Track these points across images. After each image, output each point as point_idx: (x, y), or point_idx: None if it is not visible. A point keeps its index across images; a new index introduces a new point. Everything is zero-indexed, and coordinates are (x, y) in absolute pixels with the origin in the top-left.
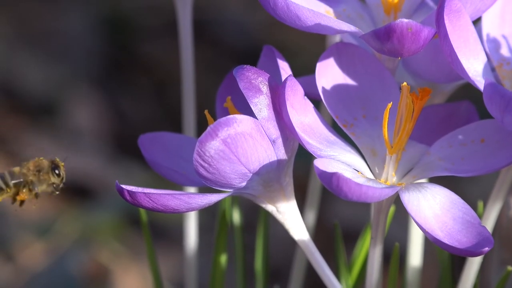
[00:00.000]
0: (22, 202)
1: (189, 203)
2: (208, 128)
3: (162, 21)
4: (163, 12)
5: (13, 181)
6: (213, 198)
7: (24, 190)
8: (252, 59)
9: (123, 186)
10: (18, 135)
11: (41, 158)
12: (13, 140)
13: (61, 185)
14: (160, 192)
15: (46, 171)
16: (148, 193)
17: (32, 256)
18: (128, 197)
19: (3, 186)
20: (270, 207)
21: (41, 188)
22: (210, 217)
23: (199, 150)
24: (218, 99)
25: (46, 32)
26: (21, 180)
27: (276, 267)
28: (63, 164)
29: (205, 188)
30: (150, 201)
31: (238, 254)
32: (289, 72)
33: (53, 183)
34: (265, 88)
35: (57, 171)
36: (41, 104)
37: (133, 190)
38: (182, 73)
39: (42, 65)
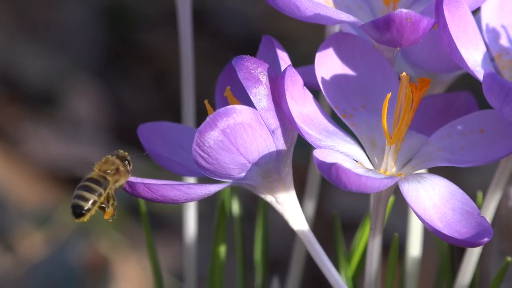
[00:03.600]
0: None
1: (188, 193)
2: (207, 119)
3: (161, 11)
4: (162, 1)
5: (102, 187)
6: (212, 188)
7: (110, 195)
8: (251, 49)
9: None
10: (18, 125)
11: (108, 156)
12: (12, 130)
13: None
14: (159, 183)
15: (123, 167)
16: (147, 183)
17: (32, 246)
18: (127, 188)
19: (96, 198)
20: (269, 198)
21: (119, 185)
22: (210, 207)
23: (198, 141)
24: (218, 89)
25: (46, 22)
26: (107, 184)
27: (275, 257)
28: (127, 153)
29: (205, 178)
30: (150, 192)
31: (238, 244)
32: (289, 62)
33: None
34: (264, 78)
35: (129, 163)
36: (41, 94)
37: (132, 181)
38: (181, 63)
39: (42, 55)
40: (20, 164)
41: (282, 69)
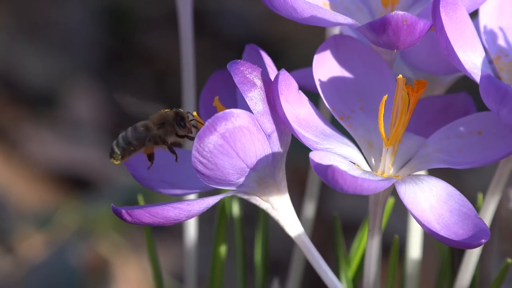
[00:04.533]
0: (150, 156)
1: (189, 210)
2: (206, 123)
3: (162, 12)
4: (163, 3)
5: (135, 137)
6: (210, 201)
7: (149, 144)
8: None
9: (120, 208)
10: (18, 126)
11: (166, 110)
12: (13, 131)
13: (190, 135)
14: (159, 205)
15: (170, 123)
16: (147, 209)
17: (32, 248)
18: (127, 217)
19: (125, 145)
20: (264, 205)
21: (170, 140)
22: (210, 209)
23: (198, 146)
24: (201, 101)
25: (47, 23)
26: (145, 135)
27: (276, 259)
28: (188, 114)
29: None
30: (151, 216)
31: (238, 246)
32: (275, 69)
33: (180, 135)
34: (259, 83)
35: (182, 123)
36: (41, 95)
37: (131, 210)
38: (182, 64)
39: (42, 56)
40: (20, 166)
41: (270, 75)
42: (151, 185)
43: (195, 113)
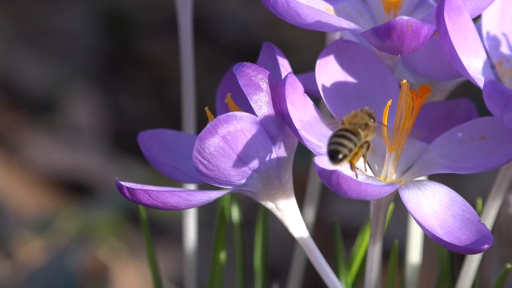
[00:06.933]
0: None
1: (189, 200)
2: (208, 125)
3: (161, 18)
4: (162, 9)
5: (357, 138)
6: (212, 195)
7: (361, 148)
8: (251, 56)
9: (123, 183)
10: (17, 132)
11: (357, 111)
12: (12, 137)
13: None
14: (160, 189)
15: (372, 123)
16: (147, 190)
17: (31, 253)
18: (127, 194)
19: (352, 146)
20: (269, 204)
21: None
22: (209, 215)
23: (199, 147)
24: (219, 95)
25: (45, 29)
26: (358, 138)
27: (275, 264)
28: (372, 111)
29: (205, 184)
30: (150, 198)
31: (237, 251)
32: (289, 69)
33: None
34: (265, 85)
35: (372, 120)
36: (40, 101)
37: (133, 187)
38: (182, 70)
39: (41, 62)
40: (19, 171)
41: (283, 76)
42: (162, 169)
43: (206, 108)
